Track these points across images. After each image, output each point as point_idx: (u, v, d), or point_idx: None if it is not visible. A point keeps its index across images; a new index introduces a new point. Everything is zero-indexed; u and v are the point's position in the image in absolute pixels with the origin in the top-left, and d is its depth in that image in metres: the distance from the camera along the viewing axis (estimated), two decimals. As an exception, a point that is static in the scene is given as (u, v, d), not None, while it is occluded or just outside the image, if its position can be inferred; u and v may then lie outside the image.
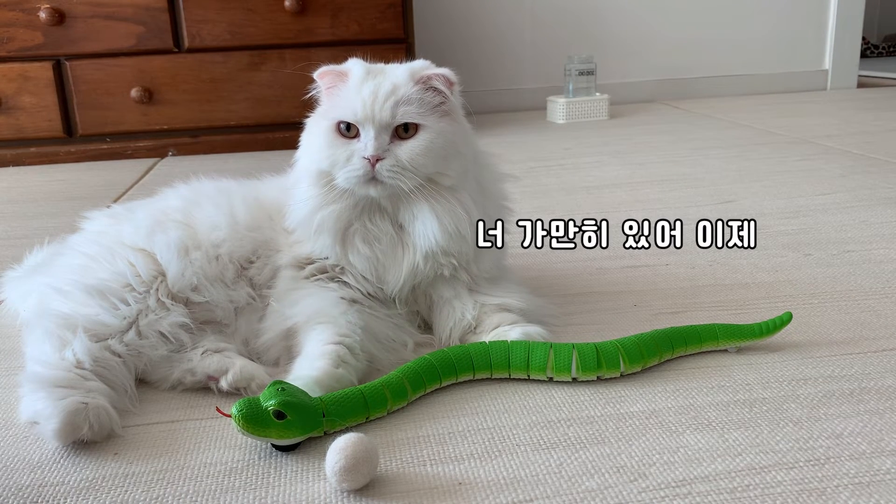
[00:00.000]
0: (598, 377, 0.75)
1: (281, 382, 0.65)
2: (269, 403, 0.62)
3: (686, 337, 0.79)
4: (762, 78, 3.05)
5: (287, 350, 0.80)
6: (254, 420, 0.62)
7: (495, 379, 0.76)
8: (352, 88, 0.80)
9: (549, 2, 2.84)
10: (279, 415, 0.62)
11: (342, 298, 0.81)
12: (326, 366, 0.72)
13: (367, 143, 0.77)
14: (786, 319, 0.80)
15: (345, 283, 0.84)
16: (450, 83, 0.80)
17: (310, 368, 0.72)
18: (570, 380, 0.74)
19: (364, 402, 0.68)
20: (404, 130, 0.79)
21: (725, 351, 0.81)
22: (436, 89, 0.80)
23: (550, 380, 0.75)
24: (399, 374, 0.71)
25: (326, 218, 0.81)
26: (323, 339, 0.75)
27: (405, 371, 0.72)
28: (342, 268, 0.84)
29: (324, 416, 0.65)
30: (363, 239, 0.82)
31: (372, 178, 0.78)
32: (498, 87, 2.89)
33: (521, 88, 2.90)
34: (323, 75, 0.83)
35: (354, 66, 0.82)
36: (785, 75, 3.06)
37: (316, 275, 0.84)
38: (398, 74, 0.80)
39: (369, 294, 0.84)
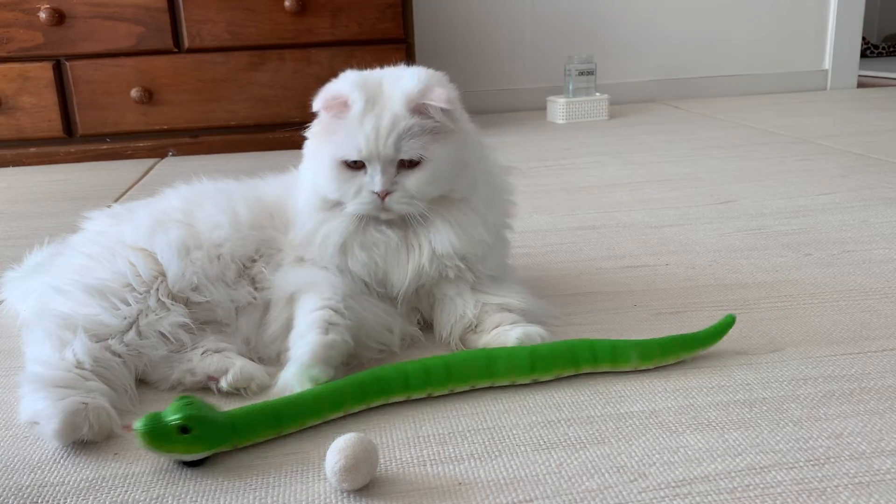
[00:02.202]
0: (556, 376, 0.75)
1: (189, 397, 0.63)
2: (174, 418, 0.60)
3: (633, 350, 0.76)
4: (762, 78, 3.05)
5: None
6: (157, 436, 0.60)
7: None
8: (353, 122, 0.78)
9: (549, 2, 2.84)
10: (184, 429, 0.60)
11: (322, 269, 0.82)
12: (316, 337, 0.73)
13: (374, 178, 0.78)
14: (729, 322, 0.78)
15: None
16: (447, 108, 0.78)
17: (302, 349, 0.73)
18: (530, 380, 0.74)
19: (277, 416, 0.66)
20: (409, 161, 0.79)
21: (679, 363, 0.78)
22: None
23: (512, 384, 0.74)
24: (321, 391, 0.69)
25: (332, 232, 0.82)
26: (309, 307, 0.76)
27: (329, 388, 0.69)
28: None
29: (233, 430, 0.63)
30: (361, 245, 0.82)
31: (382, 208, 0.79)
32: (498, 87, 2.89)
33: (521, 88, 2.90)
34: (327, 108, 0.80)
35: (353, 92, 0.79)
36: (785, 75, 3.06)
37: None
38: (396, 103, 0.78)
39: (376, 291, 0.84)
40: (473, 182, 0.83)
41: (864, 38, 3.89)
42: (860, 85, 3.14)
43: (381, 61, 0.86)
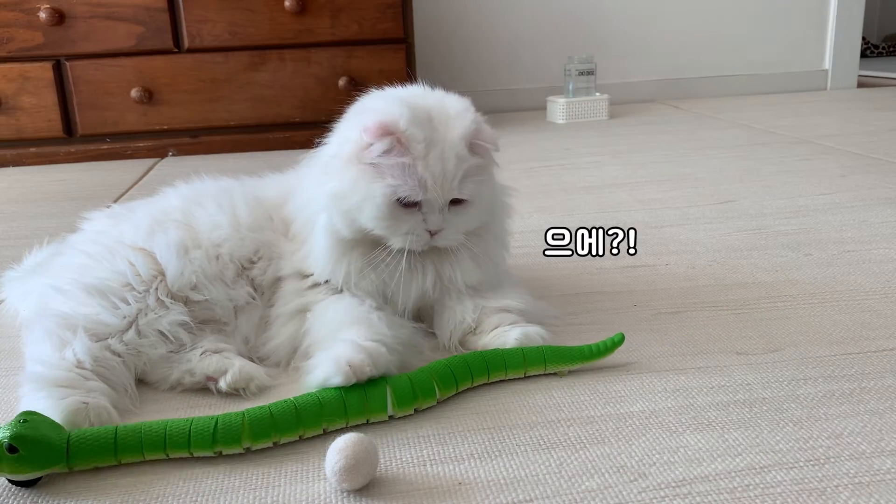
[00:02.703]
0: (415, 410, 0.70)
1: (28, 413, 0.61)
2: (2, 437, 0.58)
3: (507, 360, 0.75)
4: (762, 78, 3.05)
5: (294, 353, 0.80)
6: None
7: (496, 380, 0.76)
8: (416, 160, 0.76)
9: (549, 2, 2.84)
10: (11, 448, 0.58)
11: (365, 304, 0.80)
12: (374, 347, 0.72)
13: (431, 218, 0.78)
14: (617, 341, 0.77)
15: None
16: (496, 149, 0.81)
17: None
18: (387, 418, 0.69)
19: (114, 445, 0.62)
20: (467, 198, 0.79)
21: (555, 374, 0.77)
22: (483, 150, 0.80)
23: (367, 422, 0.69)
24: (174, 424, 0.64)
25: (366, 268, 0.81)
26: (360, 335, 0.73)
27: (177, 426, 0.64)
28: None
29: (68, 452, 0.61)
30: (372, 267, 0.81)
31: (428, 244, 0.80)
32: (498, 87, 2.89)
33: (521, 88, 2.90)
34: (381, 138, 0.75)
35: (410, 128, 0.75)
36: (785, 75, 3.06)
37: (319, 284, 0.84)
38: (457, 145, 0.77)
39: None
40: (494, 211, 0.86)
41: (864, 38, 3.89)
42: (860, 85, 3.14)
43: (381, 61, 0.87)
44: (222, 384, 0.74)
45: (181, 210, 0.87)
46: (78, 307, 0.76)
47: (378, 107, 0.79)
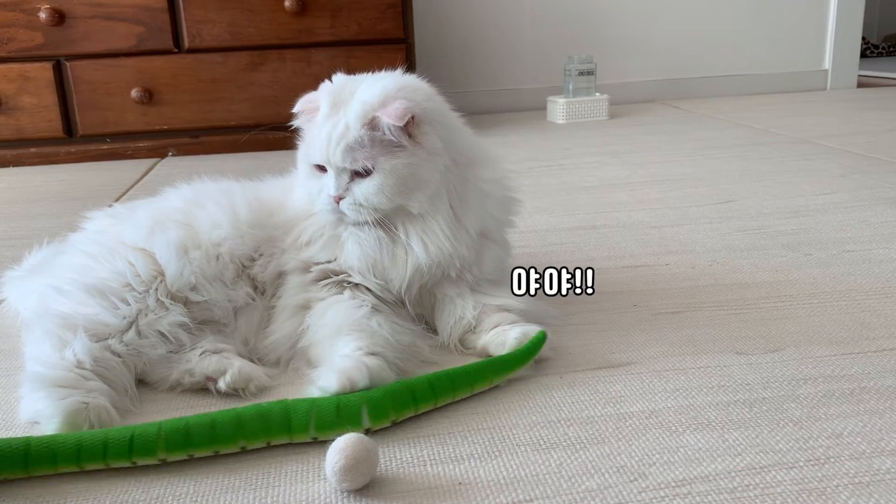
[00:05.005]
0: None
1: None
2: None
3: (455, 381, 0.71)
4: (762, 78, 3.05)
5: (293, 352, 0.80)
6: None
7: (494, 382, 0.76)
8: (317, 127, 0.82)
9: (549, 2, 2.84)
10: None
11: (366, 307, 0.80)
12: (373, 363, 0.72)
13: (328, 182, 0.81)
14: (541, 338, 0.76)
15: (356, 285, 0.83)
16: (401, 125, 0.77)
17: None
18: (311, 439, 0.66)
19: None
20: (365, 170, 0.79)
21: (497, 386, 0.74)
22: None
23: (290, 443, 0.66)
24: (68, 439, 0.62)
25: (310, 225, 0.85)
26: (361, 346, 0.74)
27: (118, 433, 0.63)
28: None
29: None
30: (355, 241, 0.83)
31: (339, 212, 0.82)
32: (498, 87, 2.89)
33: (521, 88, 2.90)
34: (303, 111, 0.85)
35: (323, 97, 0.82)
36: (785, 75, 3.06)
37: (323, 278, 0.84)
38: (351, 114, 0.79)
39: (381, 298, 0.83)
40: (431, 198, 0.81)
41: (864, 38, 3.89)
42: (860, 85, 3.14)
43: (381, 61, 0.87)
44: (221, 384, 0.74)
45: (181, 210, 0.87)
46: (78, 307, 0.76)
47: (321, 85, 0.85)
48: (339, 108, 0.81)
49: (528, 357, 0.76)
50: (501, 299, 0.85)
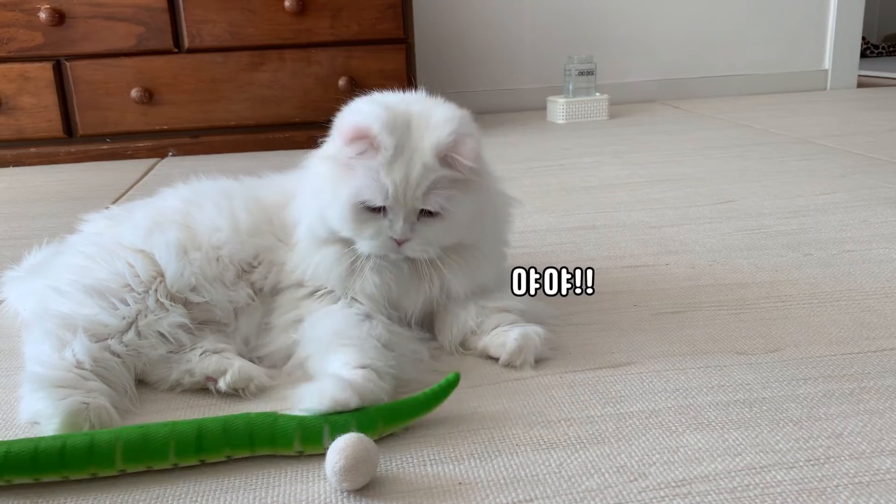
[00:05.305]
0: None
1: None
2: None
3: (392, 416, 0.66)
4: (762, 78, 3.05)
5: (289, 363, 0.79)
6: None
7: (496, 381, 0.76)
8: (380, 166, 0.75)
9: (549, 2, 2.84)
10: None
11: (357, 315, 0.79)
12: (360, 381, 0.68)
13: (395, 225, 0.77)
14: (452, 381, 0.69)
15: (353, 299, 0.82)
16: (473, 165, 0.77)
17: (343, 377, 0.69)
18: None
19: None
20: (439, 209, 0.77)
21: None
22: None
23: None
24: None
25: (325, 260, 0.81)
26: (348, 361, 0.71)
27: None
28: None
29: None
30: (373, 269, 0.80)
31: (397, 252, 0.79)
32: (498, 87, 2.89)
33: (521, 88, 2.90)
34: (352, 143, 0.75)
35: (382, 133, 0.75)
36: (785, 75, 3.06)
37: (317, 290, 0.83)
38: (427, 154, 0.75)
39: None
40: (484, 228, 0.84)
41: (864, 38, 3.89)
42: (860, 85, 3.14)
43: (381, 61, 0.87)
44: (221, 384, 0.74)
45: (180, 211, 0.87)
46: (77, 308, 0.76)
47: (361, 109, 0.79)
48: (405, 146, 0.75)
49: (441, 397, 0.69)
50: (501, 301, 0.85)
